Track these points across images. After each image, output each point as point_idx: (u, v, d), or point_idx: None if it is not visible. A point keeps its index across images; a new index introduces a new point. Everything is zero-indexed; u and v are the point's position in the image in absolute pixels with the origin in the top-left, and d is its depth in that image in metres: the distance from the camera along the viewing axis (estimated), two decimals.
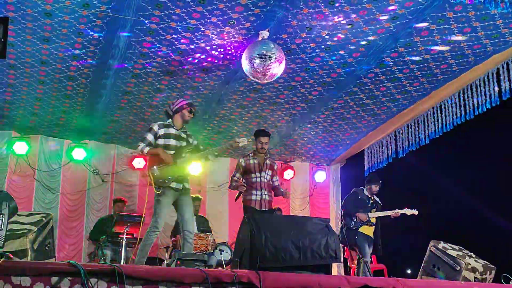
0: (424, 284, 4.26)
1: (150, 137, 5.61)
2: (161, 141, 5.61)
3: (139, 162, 9.63)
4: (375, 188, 7.54)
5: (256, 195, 6.46)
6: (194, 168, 9.86)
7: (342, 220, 7.76)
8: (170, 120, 5.77)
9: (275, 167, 6.75)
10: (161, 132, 5.63)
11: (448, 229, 9.80)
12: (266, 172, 6.56)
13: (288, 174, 10.55)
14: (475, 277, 5.19)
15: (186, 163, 5.65)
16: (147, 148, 5.55)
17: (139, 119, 8.54)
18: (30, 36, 6.05)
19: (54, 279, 3.03)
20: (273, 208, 6.75)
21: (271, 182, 6.63)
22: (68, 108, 8.12)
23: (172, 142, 5.63)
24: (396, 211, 7.38)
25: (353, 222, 7.33)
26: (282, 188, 6.72)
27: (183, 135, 5.76)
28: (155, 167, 5.49)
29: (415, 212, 7.39)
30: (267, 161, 6.61)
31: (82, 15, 5.63)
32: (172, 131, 5.68)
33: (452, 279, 5.18)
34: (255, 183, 6.48)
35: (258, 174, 6.51)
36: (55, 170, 9.28)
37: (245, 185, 6.43)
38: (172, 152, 5.58)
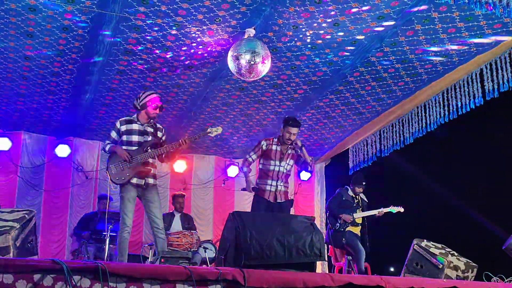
0: (407, 281, 4.30)
1: (114, 134, 5.63)
2: (124, 138, 5.56)
3: None
4: (359, 189, 7.58)
5: (271, 185, 6.02)
6: (179, 165, 9.87)
7: (327, 222, 7.79)
8: (135, 115, 5.69)
9: (299, 151, 6.13)
10: (123, 128, 5.58)
11: (431, 228, 9.89)
12: (287, 162, 6.12)
13: None
14: (457, 275, 5.24)
15: (149, 158, 5.54)
16: (109, 146, 5.58)
17: (124, 116, 8.44)
18: (14, 31, 5.98)
19: (36, 277, 3.01)
20: (289, 199, 6.28)
21: (290, 172, 6.21)
22: (52, 104, 8.04)
23: (135, 138, 5.56)
24: (381, 209, 7.42)
25: (338, 224, 7.36)
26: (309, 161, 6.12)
27: (149, 129, 5.65)
28: (111, 165, 5.45)
29: (401, 209, 7.44)
30: (289, 151, 6.14)
31: (66, 11, 5.58)
32: (135, 126, 5.60)
33: (434, 277, 5.23)
34: (272, 172, 6.04)
35: (277, 163, 6.06)
36: (38, 167, 9.20)
37: (257, 187, 6.04)
38: (135, 148, 5.51)
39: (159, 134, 5.73)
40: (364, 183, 7.59)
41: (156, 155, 5.56)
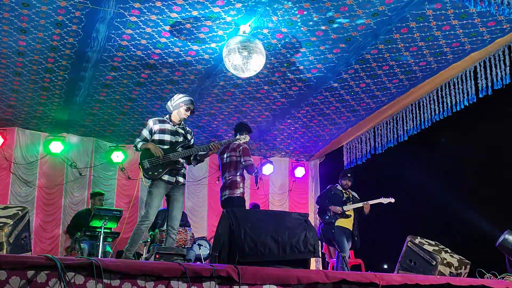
0: (401, 278, 4.31)
1: (145, 132, 5.69)
2: (156, 136, 5.64)
3: (117, 156, 9.57)
4: (345, 182, 7.62)
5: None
6: None
7: (318, 218, 7.82)
8: (167, 116, 5.78)
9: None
10: (156, 127, 5.66)
11: (425, 225, 9.92)
12: None
13: (267, 169, 10.57)
14: (450, 272, 5.26)
15: (180, 157, 5.62)
16: (141, 143, 5.62)
17: (118, 112, 8.46)
18: (7, 27, 5.95)
19: (30, 273, 2.99)
20: None
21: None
22: (46, 101, 8.01)
23: (167, 137, 5.64)
24: (366, 202, 7.43)
25: (327, 216, 7.39)
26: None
27: (180, 130, 5.75)
28: (145, 160, 5.51)
29: (392, 200, 7.45)
30: None
31: (60, 6, 5.55)
32: (167, 126, 5.68)
33: (428, 274, 5.26)
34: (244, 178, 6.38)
35: None
36: (31, 163, 9.16)
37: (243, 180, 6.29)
38: (167, 147, 5.59)
39: (189, 136, 5.84)
40: (349, 175, 7.63)
41: (187, 155, 5.65)
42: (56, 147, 9.16)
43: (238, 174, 6.25)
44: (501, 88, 6.30)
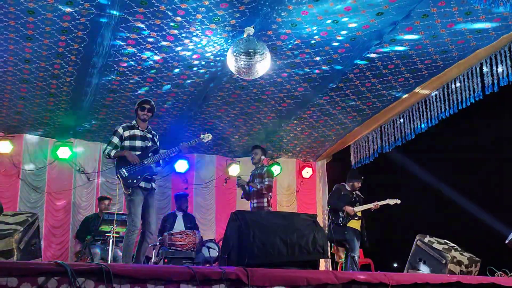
0: (410, 277, 4.30)
1: (115, 139, 5.71)
2: (126, 143, 5.68)
3: None
4: (358, 184, 7.59)
5: None
6: (180, 165, 9.91)
7: (329, 217, 7.79)
8: (134, 122, 5.83)
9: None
10: (126, 134, 5.71)
11: (434, 223, 9.88)
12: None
13: (274, 170, 10.55)
14: (460, 270, 5.25)
15: (153, 163, 5.70)
16: (114, 151, 5.64)
17: (124, 116, 8.48)
18: (13, 34, 5.99)
19: (40, 279, 3.01)
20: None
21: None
22: (53, 107, 8.05)
23: (138, 143, 5.70)
24: (376, 203, 7.42)
25: (341, 218, 7.36)
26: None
27: (148, 135, 5.83)
28: (122, 168, 5.54)
29: (397, 201, 7.44)
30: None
31: (65, 13, 5.58)
32: (137, 132, 5.75)
33: (438, 273, 5.24)
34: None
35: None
36: (40, 169, 9.20)
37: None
38: (139, 152, 5.65)
39: (156, 140, 5.92)
40: (362, 177, 7.62)
41: (160, 159, 5.68)
42: (64, 152, 9.21)
43: None
44: (507, 85, 6.27)
